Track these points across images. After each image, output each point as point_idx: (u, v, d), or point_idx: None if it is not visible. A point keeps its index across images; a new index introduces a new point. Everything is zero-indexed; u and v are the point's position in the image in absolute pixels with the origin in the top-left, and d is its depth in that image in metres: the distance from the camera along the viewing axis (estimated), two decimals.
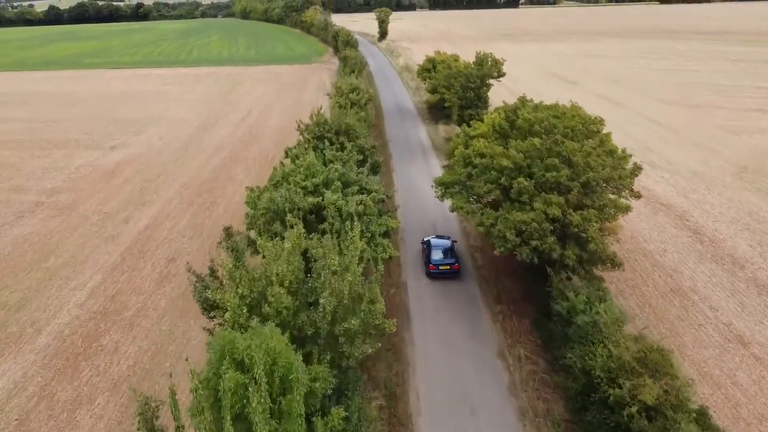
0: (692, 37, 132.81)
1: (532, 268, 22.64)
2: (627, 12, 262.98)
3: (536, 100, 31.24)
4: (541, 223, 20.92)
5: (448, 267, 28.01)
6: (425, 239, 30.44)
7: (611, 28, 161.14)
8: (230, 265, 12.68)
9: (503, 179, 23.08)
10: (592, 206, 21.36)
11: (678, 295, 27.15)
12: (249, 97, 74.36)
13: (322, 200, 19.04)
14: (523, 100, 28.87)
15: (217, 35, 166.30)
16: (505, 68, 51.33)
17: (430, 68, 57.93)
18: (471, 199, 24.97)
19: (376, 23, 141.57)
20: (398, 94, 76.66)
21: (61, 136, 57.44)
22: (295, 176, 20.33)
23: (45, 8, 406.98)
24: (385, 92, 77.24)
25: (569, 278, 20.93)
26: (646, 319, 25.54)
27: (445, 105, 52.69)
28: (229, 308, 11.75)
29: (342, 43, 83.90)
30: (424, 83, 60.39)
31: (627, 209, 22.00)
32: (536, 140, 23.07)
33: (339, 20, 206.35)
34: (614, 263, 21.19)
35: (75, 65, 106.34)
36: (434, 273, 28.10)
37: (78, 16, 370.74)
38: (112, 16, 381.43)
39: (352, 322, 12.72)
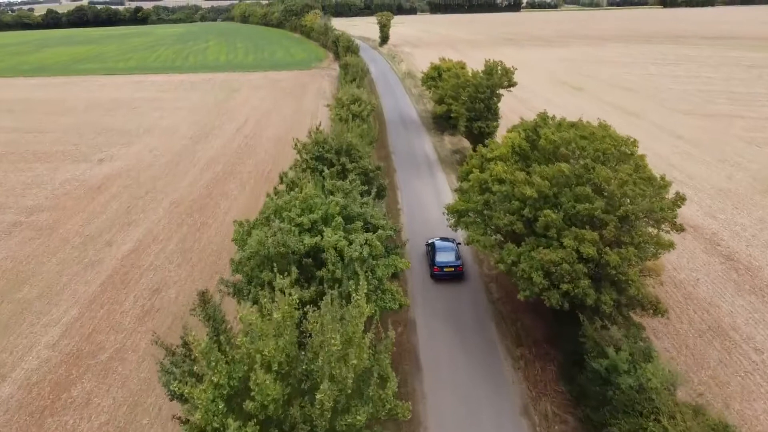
0: (701, 42, 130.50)
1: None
2: (629, 16, 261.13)
3: (545, 109, 28.79)
4: (573, 263, 18.24)
5: (453, 269, 28.50)
6: (429, 241, 31.01)
7: (616, 32, 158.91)
8: (203, 345, 10.04)
9: (526, 210, 20.41)
10: (631, 243, 18.67)
11: (718, 335, 24.45)
12: (246, 106, 71.82)
13: (321, 239, 16.36)
14: (543, 117, 26.26)
15: (215, 40, 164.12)
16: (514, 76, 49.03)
17: (435, 76, 55.40)
18: (489, 230, 22.29)
19: (377, 27, 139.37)
20: (401, 102, 74.14)
21: (47, 148, 54.85)
22: (290, 210, 17.66)
23: (43, 12, 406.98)
24: (387, 100, 74.72)
25: (605, 327, 18.24)
26: (685, 363, 22.86)
27: (451, 116, 50.12)
28: (199, 406, 9.16)
29: (343, 49, 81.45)
30: (429, 92, 57.79)
31: (670, 246, 19.31)
32: (564, 166, 20.42)
33: (339, 24, 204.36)
34: (657, 310, 18.48)
35: (68, 71, 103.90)
36: (439, 275, 28.54)
37: (76, 20, 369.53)
38: (110, 19, 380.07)
39: (358, 415, 10.09)
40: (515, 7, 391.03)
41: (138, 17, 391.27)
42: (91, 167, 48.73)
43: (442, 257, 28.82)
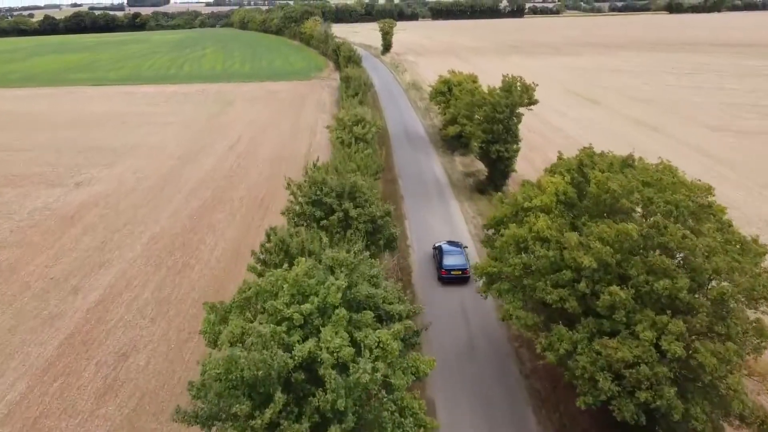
0: (714, 50, 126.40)
1: None
2: (635, 22, 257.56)
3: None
4: (653, 364, 13.79)
5: (460, 272, 29.35)
6: (436, 245, 31.87)
7: (624, 39, 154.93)
8: None
9: (582, 284, 15.96)
10: (727, 335, 14.21)
11: None
12: (240, 121, 67.56)
13: (317, 344, 11.99)
14: (590, 154, 21.90)
15: (212, 47, 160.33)
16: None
17: (444, 91, 51.12)
18: (530, 303, 17.88)
19: (378, 34, 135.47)
20: (406, 116, 69.88)
21: (22, 169, 50.52)
22: (276, 296, 13.26)
23: (41, 18, 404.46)
24: (391, 114, 70.45)
25: None
26: None
27: (463, 135, 45.80)
28: None
29: (344, 60, 77.23)
30: (438, 107, 53.47)
31: None
32: (631, 227, 15.99)
33: (340, 31, 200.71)
34: (765, 426, 13.96)
35: (57, 81, 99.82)
36: (446, 278, 29.53)
37: (74, 26, 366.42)
38: (108, 26, 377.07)
39: None
40: (518, 12, 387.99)
41: (136, 23, 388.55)
42: (66, 193, 44.35)
43: (449, 260, 29.75)
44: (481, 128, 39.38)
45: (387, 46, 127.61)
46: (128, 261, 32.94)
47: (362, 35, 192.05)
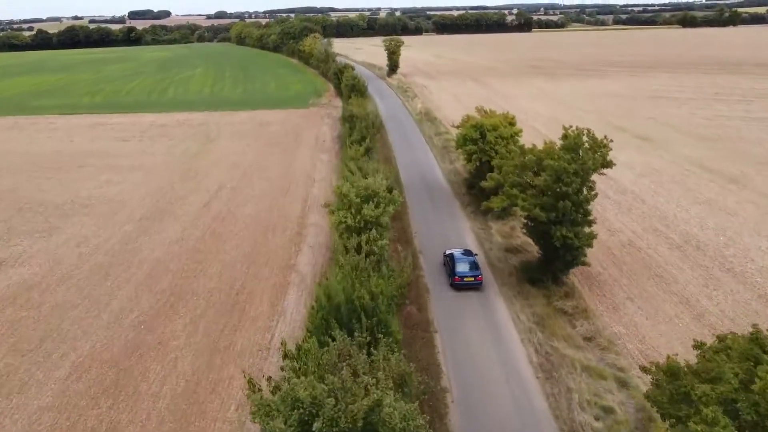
0: (757, 71, 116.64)
1: None
2: (652, 37, 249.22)
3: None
4: None
5: (473, 279, 31.17)
6: (448, 252, 33.41)
7: (652, 58, 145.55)
8: None
9: None
10: None
11: None
12: (222, 164, 57.41)
13: None
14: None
15: (202, 66, 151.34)
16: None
17: (476, 138, 40.82)
18: None
19: (382, 50, 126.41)
20: (421, 158, 59.77)
21: None
22: None
23: (33, 32, 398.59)
24: (403, 154, 60.34)
25: None
26: None
27: (492, 196, 35.38)
28: None
29: (347, 88, 67.13)
30: (466, 162, 43.16)
31: None
32: None
33: (341, 47, 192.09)
34: None
35: (21, 109, 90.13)
36: (459, 284, 31.19)
37: (68, 40, 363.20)
38: (103, 40, 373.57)
39: None
40: (526, 26, 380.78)
41: (131, 38, 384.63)
42: None
43: (461, 267, 31.34)
44: (538, 202, 28.95)
45: (393, 67, 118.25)
46: (26, 423, 22.38)
47: (365, 52, 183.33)
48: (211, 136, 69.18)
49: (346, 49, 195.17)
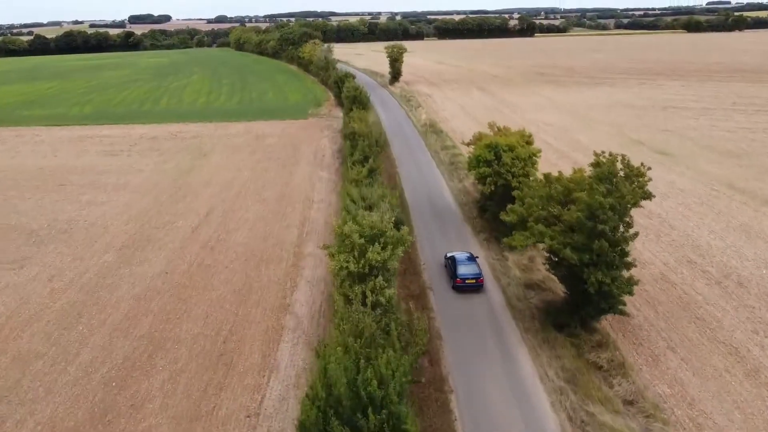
0: None
1: None
2: (657, 43, 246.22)
3: None
4: None
5: (474, 280, 32.11)
6: (449, 255, 34.76)
7: (662, 65, 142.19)
8: None
9: None
10: None
11: None
12: (215, 183, 53.92)
13: None
14: None
15: (199, 73, 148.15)
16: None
17: (491, 159, 37.31)
18: None
19: (383, 56, 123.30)
20: (428, 175, 56.26)
21: None
22: None
23: (31, 37, 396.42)
24: (408, 171, 56.90)
25: None
26: None
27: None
28: None
29: (348, 100, 63.63)
30: (481, 184, 39.55)
31: None
32: None
33: (342, 52, 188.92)
34: None
35: (6, 120, 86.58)
36: (461, 286, 32.12)
37: (65, 45, 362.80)
38: (101, 45, 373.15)
39: None
40: (528, 31, 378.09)
41: (130, 43, 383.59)
42: None
43: (463, 269, 32.39)
44: (568, 241, 25.41)
45: (396, 75, 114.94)
46: None
47: (366, 58, 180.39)
48: (204, 150, 65.70)
49: (346, 55, 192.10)
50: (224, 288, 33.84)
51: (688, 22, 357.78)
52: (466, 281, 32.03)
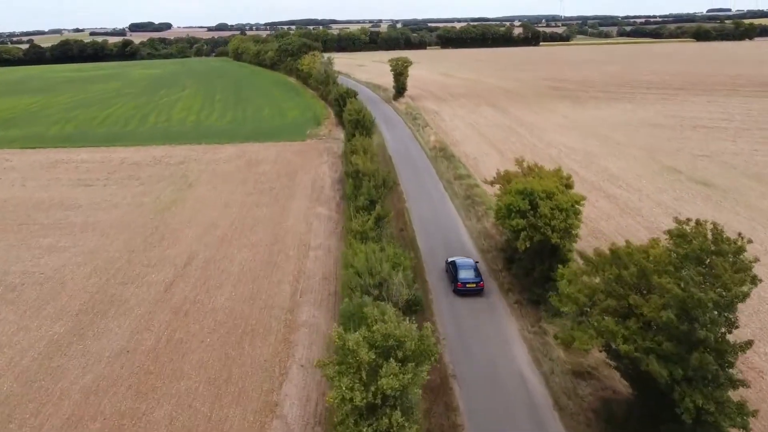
0: None
1: None
2: (673, 53, 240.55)
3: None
4: None
5: (475, 285, 33.74)
6: (449, 260, 36.27)
7: (680, 78, 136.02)
8: None
9: None
10: None
11: None
12: (197, 221, 47.51)
13: None
14: None
15: (193, 86, 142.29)
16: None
17: (526, 210, 30.89)
18: None
19: (386, 67, 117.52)
20: (440, 210, 49.89)
21: None
22: None
23: (27, 46, 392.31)
24: (418, 204, 50.64)
25: None
26: None
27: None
28: None
29: (350, 124, 57.14)
30: (514, 237, 33.04)
31: None
32: None
33: (342, 63, 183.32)
34: None
35: None
36: (462, 290, 33.69)
37: (61, 54, 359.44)
38: (97, 54, 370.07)
39: None
40: (533, 40, 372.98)
41: (126, 52, 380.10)
42: None
43: (464, 274, 33.99)
44: (652, 346, 18.90)
45: (400, 90, 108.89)
46: None
47: (368, 70, 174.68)
48: (189, 180, 59.32)
49: (347, 66, 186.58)
50: (197, 375, 27.33)
51: (697, 30, 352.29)
52: (467, 285, 33.72)
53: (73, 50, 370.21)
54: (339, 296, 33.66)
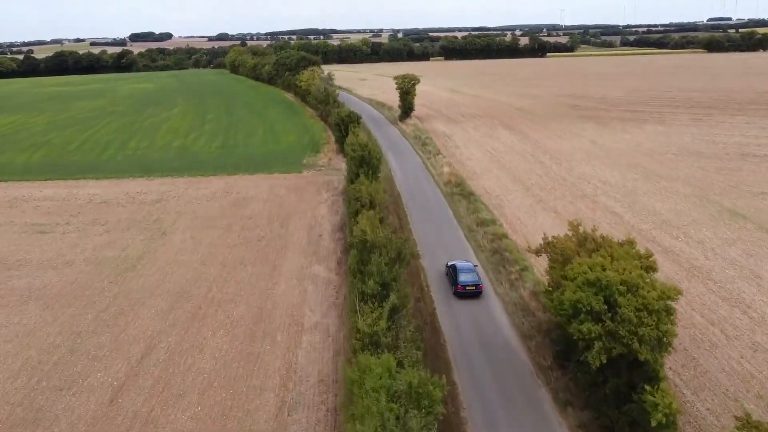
0: None
1: None
2: (689, 65, 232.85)
3: None
4: None
5: (474, 287, 36.14)
6: (450, 263, 38.90)
7: (712, 95, 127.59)
8: None
9: None
10: None
11: None
12: (165, 289, 39.09)
13: None
14: None
15: (183, 105, 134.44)
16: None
17: (601, 311, 22.45)
18: None
19: (389, 81, 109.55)
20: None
21: None
22: None
23: (20, 58, 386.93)
24: (436, 264, 41.84)
25: None
26: None
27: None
28: None
29: (352, 162, 48.47)
30: (584, 347, 24.54)
31: None
32: None
33: (343, 76, 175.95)
34: None
35: None
36: (462, 293, 36.04)
37: (55, 66, 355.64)
38: (92, 66, 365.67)
39: None
40: (539, 51, 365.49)
41: (122, 64, 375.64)
42: None
43: (463, 277, 36.45)
44: None
45: (407, 110, 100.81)
46: None
47: (371, 84, 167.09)
48: (163, 226, 50.94)
49: (349, 80, 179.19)
50: None
51: (709, 41, 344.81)
52: (467, 288, 35.95)
53: (68, 62, 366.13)
54: (339, 413, 25.32)
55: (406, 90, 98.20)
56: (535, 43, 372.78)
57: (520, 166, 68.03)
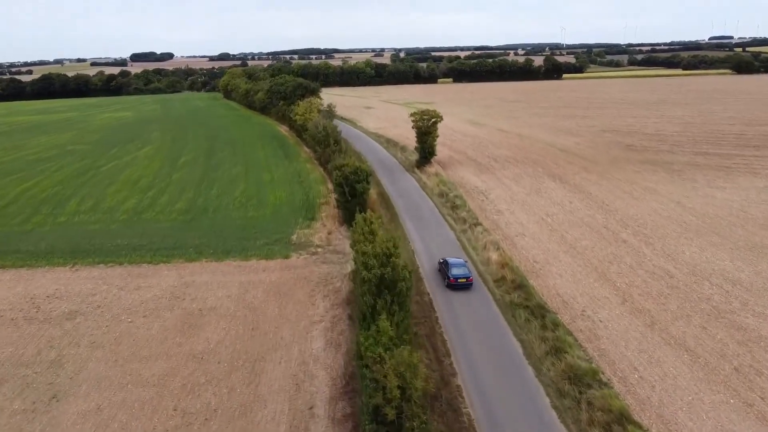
0: None
1: None
2: (722, 89, 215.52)
3: None
4: None
5: (465, 280, 41.09)
6: (442, 259, 43.99)
7: (758, 129, 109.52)
8: None
9: None
10: None
11: None
12: None
13: None
14: None
15: (156, 141, 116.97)
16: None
17: None
18: None
19: (399, 109, 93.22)
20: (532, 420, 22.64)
21: None
22: None
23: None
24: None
25: None
26: None
27: None
28: None
29: (366, 283, 29.82)
30: None
31: None
32: None
33: (346, 104, 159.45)
34: None
35: None
36: (454, 285, 41.05)
37: (41, 89, 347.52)
38: (80, 89, 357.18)
39: None
40: (554, 73, 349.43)
41: (111, 87, 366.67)
42: None
43: (455, 271, 41.37)
44: None
45: (427, 154, 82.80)
46: None
47: (377, 115, 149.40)
48: (61, 377, 32.19)
49: (352, 108, 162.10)
50: None
51: (739, 62, 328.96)
52: (459, 280, 41.01)
53: (55, 85, 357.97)
54: None
55: (426, 130, 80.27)
56: (550, 64, 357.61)
57: (597, 247, 49.46)
